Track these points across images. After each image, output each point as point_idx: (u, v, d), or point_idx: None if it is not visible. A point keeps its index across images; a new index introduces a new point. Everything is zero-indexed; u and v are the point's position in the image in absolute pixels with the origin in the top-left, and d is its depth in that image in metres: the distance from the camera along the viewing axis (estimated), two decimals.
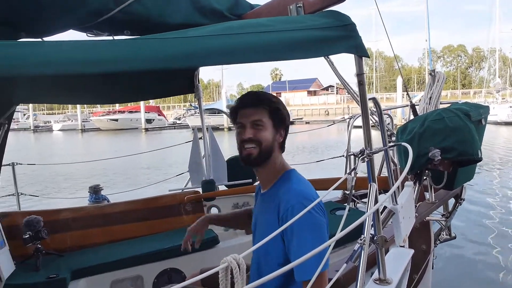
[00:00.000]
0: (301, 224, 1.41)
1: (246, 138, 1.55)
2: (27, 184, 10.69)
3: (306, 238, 1.42)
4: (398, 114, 24.41)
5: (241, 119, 1.58)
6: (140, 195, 3.61)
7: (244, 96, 1.66)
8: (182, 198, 3.35)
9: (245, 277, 0.93)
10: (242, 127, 1.58)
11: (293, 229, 1.43)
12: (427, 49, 35.14)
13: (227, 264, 0.89)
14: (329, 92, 73.34)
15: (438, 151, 2.20)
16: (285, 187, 1.56)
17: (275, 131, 1.60)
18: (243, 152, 1.58)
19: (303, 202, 1.44)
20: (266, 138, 1.56)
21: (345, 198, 3.69)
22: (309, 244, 1.40)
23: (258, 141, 1.55)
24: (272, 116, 1.58)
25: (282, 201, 1.51)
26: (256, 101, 1.58)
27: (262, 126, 1.56)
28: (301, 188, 1.54)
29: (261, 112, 1.57)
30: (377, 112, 1.73)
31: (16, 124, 53.68)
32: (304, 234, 1.43)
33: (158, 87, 3.24)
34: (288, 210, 1.46)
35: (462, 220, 6.40)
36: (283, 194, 1.53)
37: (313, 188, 1.58)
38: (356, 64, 1.44)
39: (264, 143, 1.56)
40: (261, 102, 1.58)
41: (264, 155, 1.57)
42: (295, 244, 1.44)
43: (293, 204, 1.46)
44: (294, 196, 1.50)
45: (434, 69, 3.01)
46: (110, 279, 2.64)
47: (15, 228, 2.69)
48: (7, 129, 2.71)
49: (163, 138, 31.19)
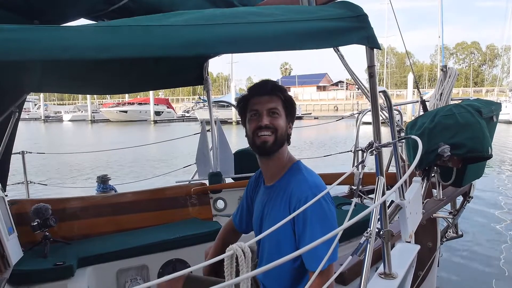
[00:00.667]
0: (314, 215, 1.43)
1: (264, 124, 1.54)
2: (36, 172, 10.85)
3: (317, 228, 1.43)
4: (408, 111, 24.16)
5: (256, 106, 1.57)
6: (147, 186, 3.63)
7: (259, 84, 1.65)
8: (189, 190, 3.37)
9: (251, 264, 0.93)
10: (257, 114, 1.57)
11: (306, 219, 1.44)
12: (440, 46, 34.59)
13: (232, 251, 0.89)
14: (339, 88, 72.85)
15: (447, 147, 2.17)
16: (297, 178, 1.56)
17: (287, 121, 1.61)
18: (258, 139, 1.56)
19: (317, 193, 1.43)
20: (281, 126, 1.57)
21: (351, 193, 3.67)
22: (320, 234, 1.41)
23: (275, 128, 1.55)
24: (285, 105, 1.60)
25: (294, 192, 1.52)
26: (272, 89, 1.58)
27: (278, 114, 1.57)
28: (314, 180, 1.54)
29: (276, 100, 1.57)
30: (387, 106, 1.71)
31: (27, 114, 54.33)
32: (316, 224, 1.43)
33: (167, 78, 3.25)
34: (301, 201, 1.46)
35: (469, 218, 6.33)
36: (296, 185, 1.54)
37: (321, 179, 1.58)
38: (367, 56, 1.42)
39: (280, 131, 1.56)
40: (277, 91, 1.59)
41: (278, 143, 1.57)
42: (307, 234, 1.44)
43: (308, 195, 1.47)
44: (307, 187, 1.50)
45: (446, 64, 2.96)
46: (116, 267, 2.67)
47: (24, 215, 2.73)
48: (17, 117, 2.74)
49: (171, 131, 31.30)
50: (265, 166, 1.69)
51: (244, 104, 1.62)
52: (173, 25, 1.14)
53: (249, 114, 1.60)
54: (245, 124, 1.63)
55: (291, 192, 1.53)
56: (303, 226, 1.45)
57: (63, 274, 2.38)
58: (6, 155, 2.78)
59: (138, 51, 1.07)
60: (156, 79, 3.22)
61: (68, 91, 3.50)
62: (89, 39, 1.01)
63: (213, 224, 3.12)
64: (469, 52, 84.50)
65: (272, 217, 1.62)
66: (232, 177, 3.66)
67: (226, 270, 0.90)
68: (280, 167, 1.63)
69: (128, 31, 1.07)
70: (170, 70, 3.09)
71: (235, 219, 1.94)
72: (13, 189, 3.48)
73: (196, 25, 1.15)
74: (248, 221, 1.88)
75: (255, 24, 1.22)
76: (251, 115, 1.59)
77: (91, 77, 2.79)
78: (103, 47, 1.02)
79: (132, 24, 1.09)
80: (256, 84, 1.68)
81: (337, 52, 1.63)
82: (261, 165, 1.71)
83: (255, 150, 1.62)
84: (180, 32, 1.12)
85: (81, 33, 1.04)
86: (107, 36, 1.04)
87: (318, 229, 1.43)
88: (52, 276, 2.35)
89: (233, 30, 1.18)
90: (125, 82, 3.13)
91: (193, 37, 1.12)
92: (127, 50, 1.05)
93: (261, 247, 1.71)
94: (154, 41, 1.07)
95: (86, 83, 2.99)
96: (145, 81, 3.23)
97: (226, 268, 0.90)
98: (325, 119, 33.16)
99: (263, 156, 1.63)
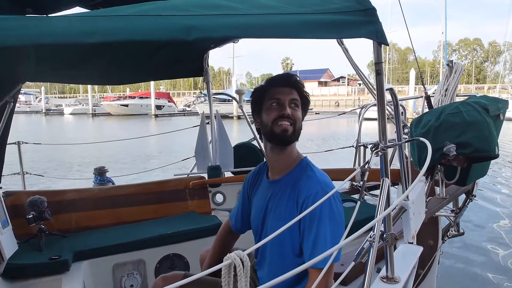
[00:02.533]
0: (322, 213, 1.42)
1: (287, 114, 1.53)
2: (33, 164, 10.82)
3: (326, 227, 1.42)
4: (410, 107, 24.09)
5: (278, 95, 1.56)
6: (145, 179, 3.59)
7: (281, 76, 1.65)
8: (187, 183, 3.32)
9: (249, 274, 0.89)
10: (279, 103, 1.55)
11: (314, 216, 1.42)
12: (443, 42, 34.39)
13: (230, 261, 0.84)
14: (340, 84, 72.64)
15: (453, 146, 2.12)
16: (306, 174, 1.55)
17: (303, 116, 1.61)
18: (278, 128, 1.54)
19: (326, 190, 1.43)
20: (299, 119, 1.58)
21: (353, 190, 3.62)
22: (328, 232, 1.41)
23: (294, 120, 1.55)
24: (302, 100, 1.60)
25: (303, 188, 1.50)
26: (295, 82, 1.60)
27: (297, 106, 1.58)
28: (323, 177, 1.54)
29: (296, 93, 1.58)
30: (393, 103, 1.66)
31: (29, 106, 54.37)
32: (324, 222, 1.42)
33: (167, 69, 3.20)
34: (310, 197, 1.46)
35: (470, 216, 6.30)
36: (305, 181, 1.53)
37: (329, 177, 1.58)
38: (374, 52, 1.36)
39: (298, 123, 1.56)
40: (297, 84, 1.60)
41: (296, 135, 1.57)
42: (314, 231, 1.43)
43: (317, 191, 1.46)
44: (317, 183, 1.50)
45: (452, 60, 2.89)
46: (112, 262, 2.63)
47: (19, 207, 2.69)
48: (12, 107, 2.68)
49: (172, 125, 31.27)
50: (275, 158, 1.64)
51: (261, 93, 1.61)
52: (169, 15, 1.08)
53: (269, 103, 1.57)
54: (260, 113, 1.60)
55: (299, 188, 1.51)
56: (310, 222, 1.44)
57: (59, 268, 2.34)
58: (1, 145, 2.73)
59: (129, 35, 1.02)
60: (156, 69, 3.17)
61: (64, 81, 3.45)
62: (75, 24, 0.97)
63: (212, 219, 3.08)
64: (472, 49, 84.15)
65: (277, 212, 1.59)
66: (232, 171, 3.61)
67: (224, 280, 0.86)
68: (289, 162, 1.61)
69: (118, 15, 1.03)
70: (169, 61, 3.03)
71: (232, 218, 1.92)
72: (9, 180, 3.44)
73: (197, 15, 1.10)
74: (244, 220, 1.85)
75: (262, 17, 1.18)
76: (271, 104, 1.56)
77: (87, 67, 2.73)
78: (89, 32, 0.97)
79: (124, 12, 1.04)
80: (277, 75, 1.68)
81: (341, 45, 1.57)
82: (270, 157, 1.66)
83: (272, 139, 1.59)
84: (177, 18, 1.07)
85: (68, 19, 1.01)
86: (94, 21, 1.01)
87: (326, 228, 1.42)
88: (47, 271, 2.31)
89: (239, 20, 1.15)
90: (123, 72, 3.07)
91: (191, 22, 1.06)
92: (116, 34, 1.00)
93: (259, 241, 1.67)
94: (146, 25, 1.02)
95: (83, 72, 2.93)
96: (144, 71, 3.17)
97: (224, 278, 0.85)
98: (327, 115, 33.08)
99: (280, 145, 1.60)
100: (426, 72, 70.49)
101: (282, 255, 1.56)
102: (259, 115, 1.61)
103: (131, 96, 49.37)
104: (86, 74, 3.03)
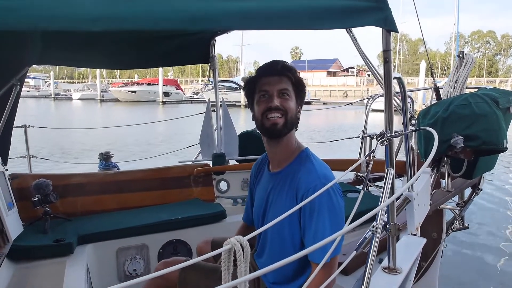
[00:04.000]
0: (322, 206, 1.38)
1: (274, 106, 1.47)
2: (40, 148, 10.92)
3: (325, 220, 1.39)
4: (419, 100, 23.79)
5: (265, 86, 1.50)
6: (150, 165, 3.59)
7: (268, 64, 1.56)
8: (192, 170, 3.33)
9: (249, 260, 0.88)
10: (266, 95, 1.49)
11: (314, 210, 1.39)
12: (455, 33, 33.77)
13: (230, 246, 0.83)
14: (349, 74, 71.91)
15: (461, 138, 2.08)
16: (306, 166, 1.50)
17: (297, 104, 1.54)
18: (268, 121, 1.49)
19: (326, 183, 1.38)
20: (291, 108, 1.50)
21: (357, 180, 3.60)
22: (328, 226, 1.38)
23: (285, 111, 1.49)
24: (295, 87, 1.52)
25: (302, 181, 1.46)
26: (282, 69, 1.51)
27: (289, 96, 1.50)
28: (322, 169, 1.49)
29: (286, 81, 1.50)
30: (400, 93, 1.63)
31: (38, 91, 54.69)
32: (324, 215, 1.39)
33: (172, 55, 3.17)
34: (309, 190, 1.41)
35: (475, 209, 6.25)
36: (304, 173, 1.48)
37: (330, 169, 1.53)
38: (383, 39, 1.32)
39: (290, 113, 1.49)
40: (287, 71, 1.51)
41: (288, 126, 1.51)
42: (314, 225, 1.40)
43: (316, 185, 1.41)
44: (316, 177, 1.45)
45: (463, 51, 2.83)
46: (116, 246, 2.65)
47: (24, 190, 2.71)
48: (19, 90, 2.69)
49: (180, 112, 31.28)
50: (273, 151, 1.61)
51: (252, 85, 1.55)
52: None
53: (258, 95, 1.52)
54: (253, 106, 1.56)
55: (299, 180, 1.47)
56: (309, 216, 1.41)
57: (63, 251, 2.36)
58: (7, 129, 2.74)
59: (135, 23, 1.00)
60: (161, 55, 3.15)
61: (70, 64, 3.44)
62: (82, 9, 0.94)
63: (215, 206, 3.08)
64: (484, 41, 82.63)
65: (277, 205, 1.57)
66: (236, 159, 3.60)
67: (223, 264, 0.85)
68: (288, 153, 1.57)
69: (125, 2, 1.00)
70: (175, 47, 3.01)
71: (245, 212, 1.91)
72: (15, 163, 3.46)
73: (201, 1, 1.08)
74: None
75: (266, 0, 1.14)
76: (260, 96, 1.51)
77: (95, 51, 2.72)
78: (97, 19, 0.95)
79: None
80: (265, 64, 1.59)
81: (350, 34, 1.54)
82: (268, 150, 1.63)
83: (264, 133, 1.55)
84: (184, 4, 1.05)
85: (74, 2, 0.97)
86: (102, 7, 0.97)
87: (325, 221, 1.38)
88: (51, 253, 2.34)
89: (244, 5, 1.11)
90: (129, 57, 3.07)
91: (198, 10, 1.04)
92: (121, 23, 0.98)
93: (262, 233, 1.65)
94: (151, 14, 1.00)
95: (89, 57, 2.92)
96: (150, 57, 3.16)
97: (223, 263, 0.85)
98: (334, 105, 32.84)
99: (272, 139, 1.56)
100: (437, 64, 69.49)
101: (282, 250, 1.53)
102: (252, 108, 1.57)
103: (139, 83, 49.39)
104: (93, 57, 3.03)
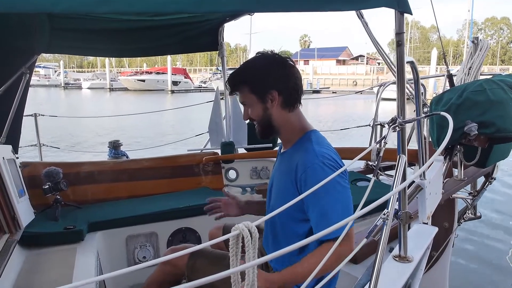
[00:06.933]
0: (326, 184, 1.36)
1: (245, 119, 1.62)
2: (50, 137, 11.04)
3: (329, 197, 1.38)
4: (430, 88, 23.43)
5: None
6: (158, 154, 3.60)
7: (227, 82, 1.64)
8: (201, 158, 3.32)
9: (258, 245, 0.87)
10: None
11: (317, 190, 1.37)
12: (469, 20, 33.05)
13: (238, 231, 0.82)
14: (359, 62, 71.03)
15: (475, 125, 2.03)
16: (304, 147, 1.50)
17: (262, 101, 1.53)
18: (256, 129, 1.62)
19: (324, 161, 1.40)
20: (256, 114, 1.55)
21: (368, 169, 3.56)
22: (333, 203, 1.38)
23: (253, 119, 1.57)
24: (252, 89, 1.53)
25: (300, 161, 1.46)
26: (233, 86, 1.57)
27: (249, 105, 1.56)
28: (321, 149, 1.47)
29: (242, 91, 1.55)
30: (413, 78, 1.58)
31: (48, 80, 55.10)
32: (324, 194, 1.37)
33: (180, 43, 3.15)
34: (307, 170, 1.41)
35: (489, 199, 6.17)
36: (302, 154, 1.48)
37: (334, 150, 1.51)
38: (395, 22, 1.27)
39: (257, 119, 1.56)
40: (238, 84, 1.56)
41: (267, 128, 1.56)
42: (320, 204, 1.39)
43: (313, 164, 1.41)
44: (313, 156, 1.44)
45: (477, 36, 2.75)
46: (126, 233, 2.67)
47: (36, 178, 2.73)
48: (28, 78, 2.69)
49: (188, 101, 31.30)
50: (279, 136, 1.66)
51: None
52: None
53: None
54: None
55: (297, 162, 1.48)
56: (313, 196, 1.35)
57: (73, 238, 2.38)
58: (17, 117, 2.76)
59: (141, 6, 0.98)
60: (170, 43, 3.13)
61: (78, 53, 3.44)
62: None
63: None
64: (498, 28, 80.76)
65: (278, 187, 1.60)
66: (245, 147, 3.59)
67: (231, 250, 0.84)
68: (292, 136, 1.59)
69: None
70: (183, 34, 2.98)
71: None
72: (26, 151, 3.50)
73: None
74: None
75: None
76: None
77: (102, 39, 2.71)
78: (105, 0, 0.93)
79: None
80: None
81: (361, 19, 1.49)
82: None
83: None
84: None
85: None
86: None
87: (329, 198, 1.39)
88: (62, 240, 2.36)
89: None
90: (138, 45, 3.05)
91: None
92: (130, 5, 0.97)
93: (266, 212, 1.70)
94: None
95: (98, 45, 2.91)
96: (159, 44, 3.14)
97: (231, 248, 0.84)
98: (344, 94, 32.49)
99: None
100: (449, 52, 68.26)
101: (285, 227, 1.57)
102: None
103: (148, 72, 49.47)
104: (102, 46, 3.01)
